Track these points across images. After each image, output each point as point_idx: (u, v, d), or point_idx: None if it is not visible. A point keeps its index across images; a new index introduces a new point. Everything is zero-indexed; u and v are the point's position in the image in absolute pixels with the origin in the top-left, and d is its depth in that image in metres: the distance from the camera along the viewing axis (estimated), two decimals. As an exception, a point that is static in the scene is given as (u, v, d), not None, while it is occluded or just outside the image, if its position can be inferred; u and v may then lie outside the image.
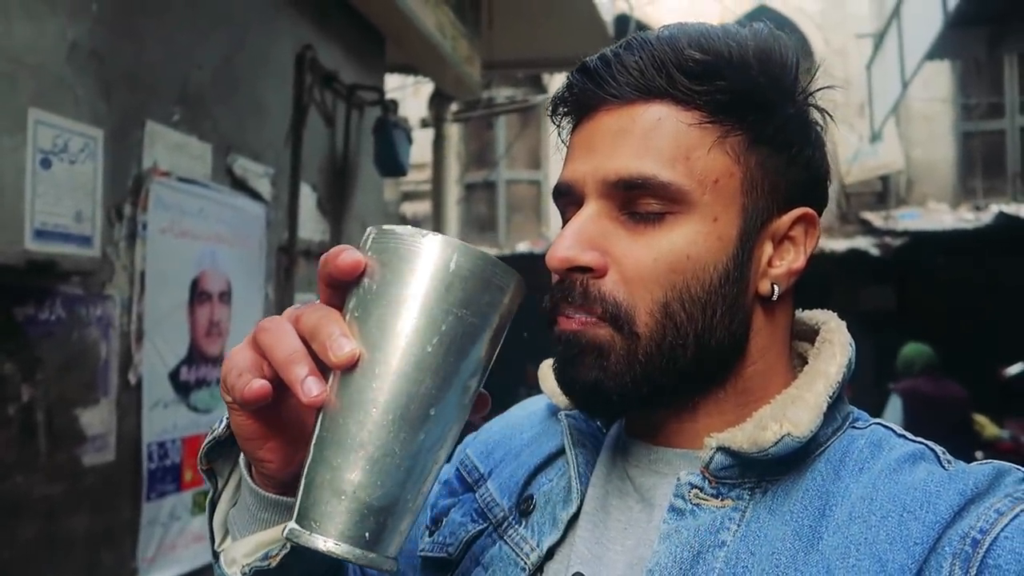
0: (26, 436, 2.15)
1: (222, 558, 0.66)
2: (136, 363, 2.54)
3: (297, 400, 0.53)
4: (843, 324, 0.70)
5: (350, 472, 0.51)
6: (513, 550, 0.70)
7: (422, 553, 0.78)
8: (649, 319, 0.62)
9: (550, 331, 0.67)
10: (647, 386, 0.63)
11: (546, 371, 0.78)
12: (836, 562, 0.57)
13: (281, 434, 0.60)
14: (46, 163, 2.09)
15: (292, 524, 0.52)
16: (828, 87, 0.72)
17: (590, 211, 0.64)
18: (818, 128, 0.70)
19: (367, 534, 0.52)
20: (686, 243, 0.62)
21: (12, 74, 2.01)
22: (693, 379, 0.65)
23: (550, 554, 0.68)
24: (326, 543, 0.51)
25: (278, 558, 0.61)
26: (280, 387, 0.55)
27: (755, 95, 0.64)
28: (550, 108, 0.71)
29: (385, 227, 0.55)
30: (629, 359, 0.62)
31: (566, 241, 0.63)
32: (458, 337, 0.53)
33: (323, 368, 0.54)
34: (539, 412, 0.82)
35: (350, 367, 0.52)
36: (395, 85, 6.11)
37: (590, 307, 0.63)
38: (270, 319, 0.57)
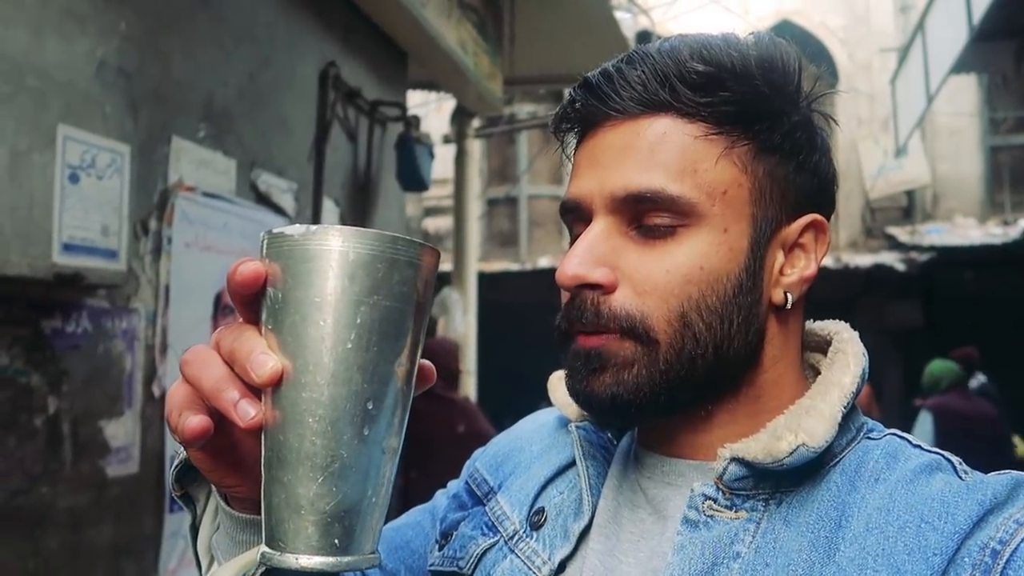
0: (52, 447, 2.18)
1: None
2: (160, 375, 2.57)
3: (235, 426, 0.52)
4: (856, 334, 0.69)
5: (302, 487, 0.50)
6: (525, 563, 0.69)
7: (432, 568, 0.77)
8: (667, 327, 0.62)
9: (563, 347, 0.66)
10: (665, 395, 0.62)
11: (555, 383, 0.79)
12: (853, 573, 0.56)
13: (241, 459, 0.59)
14: (74, 178, 2.12)
15: (263, 547, 0.52)
16: (832, 92, 0.72)
17: (599, 227, 0.64)
18: (823, 133, 0.69)
19: (336, 541, 0.51)
20: (698, 255, 0.62)
21: (42, 91, 2.05)
22: (709, 388, 0.64)
23: (562, 567, 0.68)
24: (298, 560, 0.50)
25: None
26: (221, 415, 0.54)
27: (759, 104, 0.64)
28: (552, 125, 0.71)
29: (275, 230, 0.52)
30: (649, 369, 0.62)
31: (576, 258, 0.63)
32: (377, 325, 0.51)
33: (255, 387, 0.52)
34: (548, 424, 0.82)
35: (276, 383, 0.51)
36: (418, 102, 6.16)
37: (604, 327, 0.62)
38: (192, 350, 0.56)
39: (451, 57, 4.27)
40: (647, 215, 0.63)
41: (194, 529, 0.67)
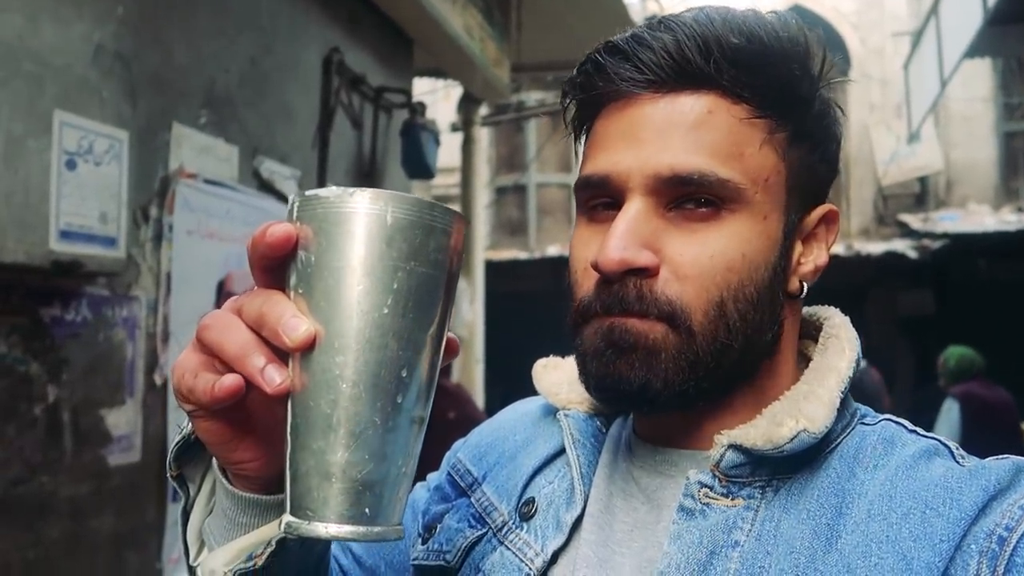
0: (52, 437, 2.16)
1: (199, 572, 0.62)
2: (162, 364, 2.56)
3: (261, 392, 0.50)
4: (847, 319, 0.68)
5: (334, 453, 0.49)
6: (516, 555, 0.67)
7: (416, 562, 0.75)
8: (704, 318, 0.60)
9: (580, 329, 0.63)
10: (693, 387, 0.61)
11: (540, 371, 0.77)
12: (857, 561, 0.55)
13: (253, 431, 0.57)
14: (71, 164, 2.10)
15: (288, 517, 0.50)
16: (846, 80, 0.71)
17: (637, 208, 0.60)
18: (839, 122, 0.68)
19: (367, 510, 0.49)
20: (741, 242, 0.60)
21: (38, 76, 2.03)
22: (733, 379, 0.63)
23: (554, 558, 0.66)
24: (327, 528, 0.49)
25: (263, 557, 0.59)
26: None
27: (795, 88, 0.63)
28: (567, 87, 0.67)
29: (308, 192, 0.51)
30: (678, 359, 0.60)
31: (619, 241, 0.59)
32: (412, 292, 0.50)
33: (280, 353, 0.51)
34: (532, 413, 0.80)
35: (308, 347, 0.49)
36: (425, 89, 6.13)
37: (645, 312, 0.60)
38: (211, 315, 0.54)
39: (457, 43, 4.23)
40: (691, 197, 0.60)
41: (185, 514, 0.65)
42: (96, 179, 2.19)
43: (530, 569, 0.65)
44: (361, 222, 0.49)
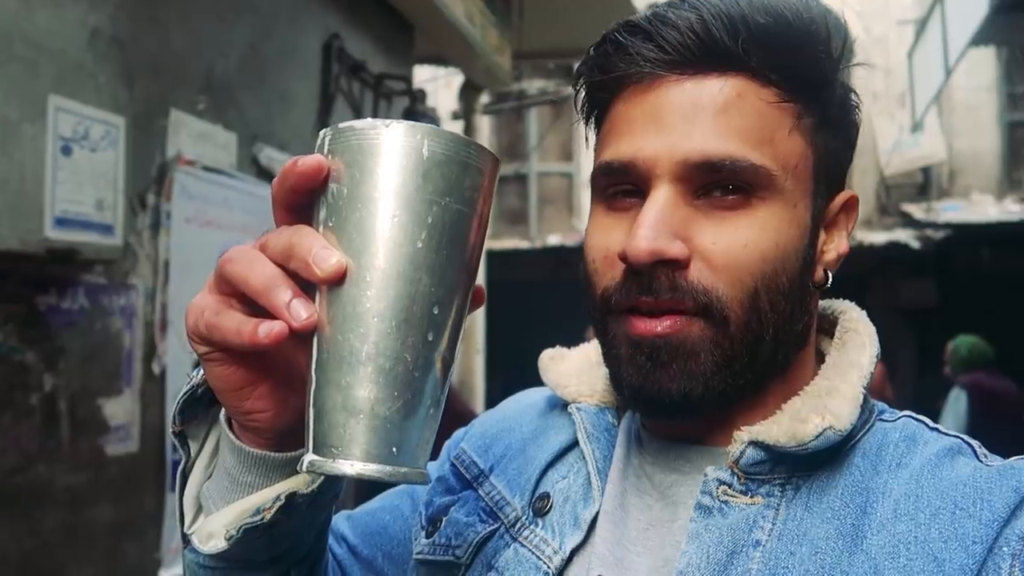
0: (49, 426, 2.14)
1: (195, 537, 0.60)
2: (160, 353, 2.53)
3: (287, 327, 0.48)
4: (864, 313, 0.67)
5: (362, 389, 0.47)
6: (533, 553, 0.65)
7: (420, 556, 0.72)
8: (739, 308, 0.58)
9: (608, 327, 0.61)
10: (732, 385, 0.59)
11: (547, 363, 0.74)
12: (885, 562, 0.53)
13: (267, 379, 0.54)
14: (67, 150, 2.07)
15: (310, 456, 0.48)
16: (864, 64, 0.69)
17: (665, 196, 0.58)
18: (858, 108, 0.66)
19: (394, 449, 0.48)
20: (774, 230, 0.58)
21: (33, 60, 1.99)
22: (765, 375, 0.61)
23: (570, 556, 0.64)
24: (353, 466, 0.47)
25: (272, 511, 0.57)
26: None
27: (821, 72, 0.61)
28: (582, 69, 0.64)
29: (342, 124, 0.50)
30: (715, 354, 0.58)
31: (649, 231, 0.56)
32: (447, 227, 0.49)
33: (306, 290, 0.49)
34: (538, 405, 0.77)
35: (338, 280, 0.47)
36: (426, 77, 6.08)
37: (680, 300, 0.57)
38: (234, 249, 0.52)
39: (458, 30, 4.19)
40: (721, 185, 0.58)
41: (183, 476, 0.63)
42: (92, 165, 2.15)
43: (548, 567, 0.63)
44: (398, 153, 0.48)
